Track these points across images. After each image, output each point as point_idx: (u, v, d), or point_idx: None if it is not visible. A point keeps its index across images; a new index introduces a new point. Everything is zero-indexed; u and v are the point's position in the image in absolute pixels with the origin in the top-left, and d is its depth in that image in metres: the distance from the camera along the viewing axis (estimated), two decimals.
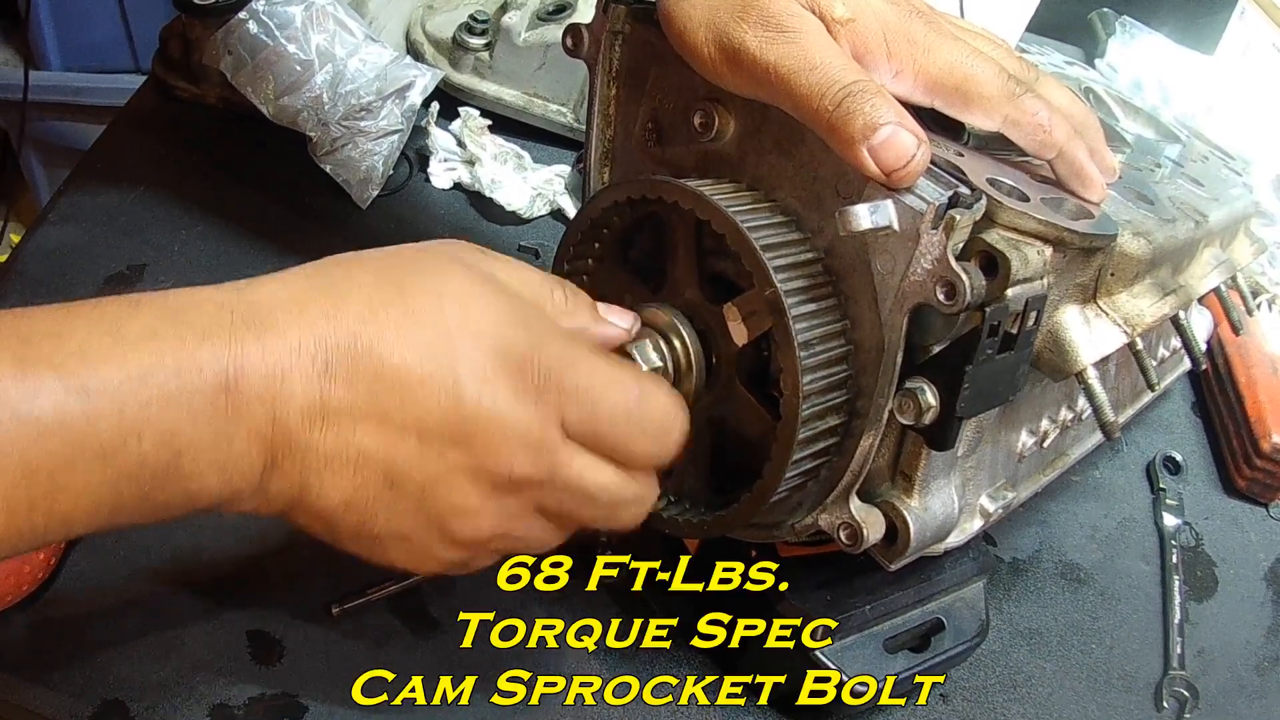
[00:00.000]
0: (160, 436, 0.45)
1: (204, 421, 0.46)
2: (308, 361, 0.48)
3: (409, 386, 0.49)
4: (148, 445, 0.45)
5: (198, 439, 0.46)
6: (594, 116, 0.71)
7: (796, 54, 0.56)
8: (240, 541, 0.77)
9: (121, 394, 0.44)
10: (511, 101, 1.13)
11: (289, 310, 0.49)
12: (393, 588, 0.75)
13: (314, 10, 1.01)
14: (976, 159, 0.60)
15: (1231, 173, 0.95)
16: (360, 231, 1.02)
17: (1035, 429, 0.74)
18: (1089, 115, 0.64)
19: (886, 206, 0.55)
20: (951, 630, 0.74)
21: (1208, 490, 1.00)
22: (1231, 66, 1.37)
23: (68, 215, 0.98)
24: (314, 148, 1.01)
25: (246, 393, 0.47)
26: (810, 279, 0.59)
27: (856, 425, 0.61)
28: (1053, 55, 1.27)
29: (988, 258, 0.55)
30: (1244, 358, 1.03)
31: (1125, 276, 0.66)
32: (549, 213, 1.08)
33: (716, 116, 0.64)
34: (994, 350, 0.56)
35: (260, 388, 0.47)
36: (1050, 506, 0.94)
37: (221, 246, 0.97)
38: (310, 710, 0.70)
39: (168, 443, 0.46)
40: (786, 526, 0.65)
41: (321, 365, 0.48)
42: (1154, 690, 0.83)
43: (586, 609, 0.77)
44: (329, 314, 0.49)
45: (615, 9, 0.68)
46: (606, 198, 0.65)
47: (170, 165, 1.04)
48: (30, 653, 0.69)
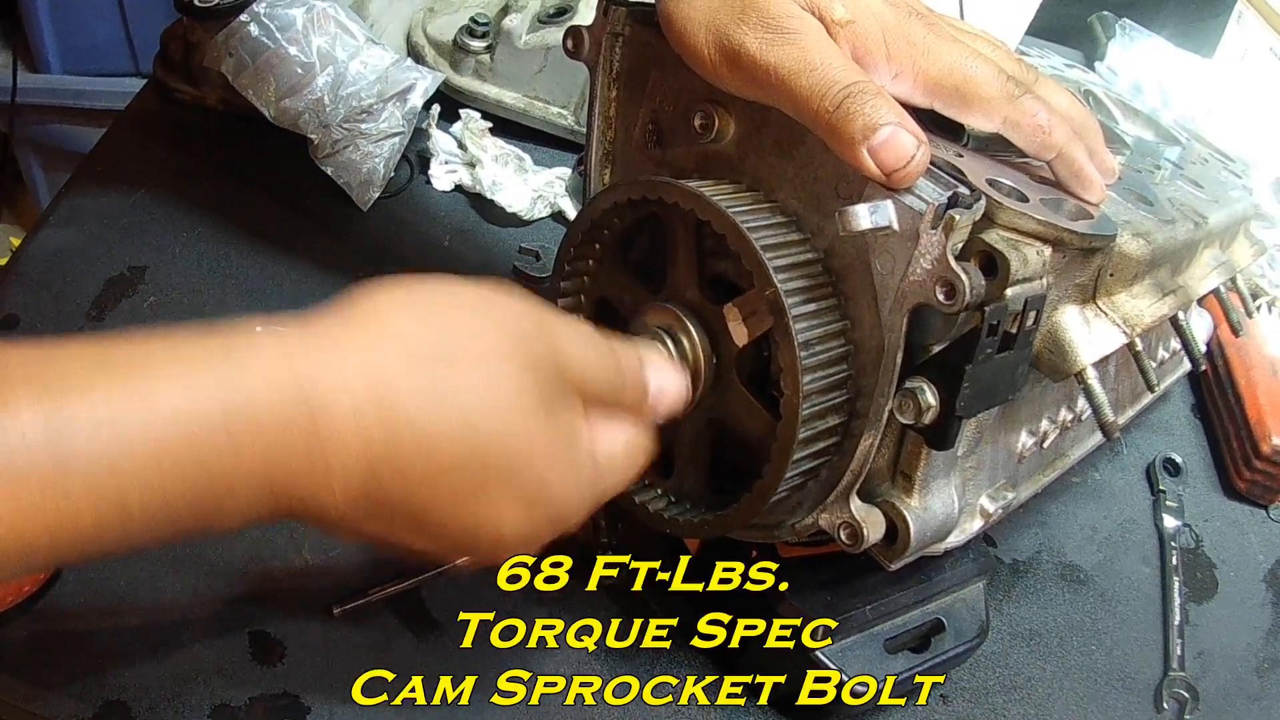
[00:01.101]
0: (195, 510, 0.44)
1: (242, 500, 0.45)
2: (355, 473, 0.46)
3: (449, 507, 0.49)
4: (180, 514, 0.44)
5: (233, 509, 0.45)
6: (594, 118, 0.71)
7: (796, 55, 0.56)
8: (241, 542, 0.77)
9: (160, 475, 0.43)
10: (512, 104, 1.13)
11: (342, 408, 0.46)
12: (393, 588, 0.75)
13: (315, 13, 1.02)
14: (976, 160, 0.60)
15: (1231, 175, 0.95)
16: (361, 234, 1.02)
17: (1035, 429, 0.74)
18: (1088, 117, 0.65)
19: (886, 207, 0.55)
20: (951, 631, 0.74)
21: (1208, 492, 1.00)
22: (1230, 70, 1.37)
23: (68, 218, 0.98)
24: (315, 150, 1.02)
25: (289, 489, 0.46)
26: (810, 279, 0.59)
27: (856, 425, 0.61)
28: (1052, 58, 1.28)
29: (987, 258, 0.55)
30: (1244, 359, 1.03)
31: (1124, 277, 0.66)
32: (550, 215, 1.08)
33: (716, 118, 0.64)
34: (994, 350, 0.56)
35: (303, 488, 0.46)
36: (1050, 507, 0.94)
37: (222, 249, 0.97)
38: (311, 710, 0.70)
39: (202, 513, 0.45)
40: (787, 526, 0.65)
41: (370, 476, 0.47)
42: (1154, 691, 0.83)
43: (586, 609, 0.77)
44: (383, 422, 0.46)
45: (615, 11, 0.68)
46: (607, 199, 0.65)
47: (171, 168, 1.04)
48: (31, 654, 0.69)
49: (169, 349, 0.44)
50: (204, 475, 0.43)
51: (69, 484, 0.41)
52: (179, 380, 0.43)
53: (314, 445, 0.45)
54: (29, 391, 0.41)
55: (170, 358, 0.44)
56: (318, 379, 0.45)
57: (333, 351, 0.46)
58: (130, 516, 0.43)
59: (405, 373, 0.47)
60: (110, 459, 0.41)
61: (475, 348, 0.49)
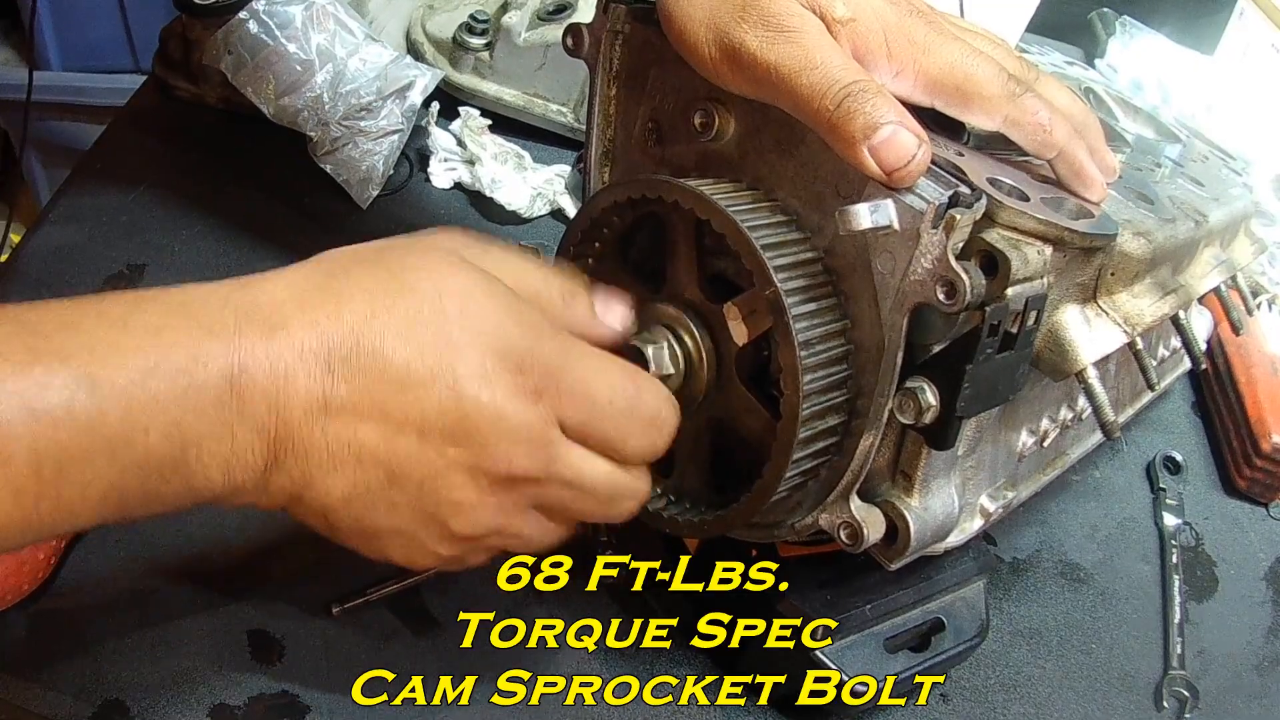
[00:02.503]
0: (166, 430, 0.46)
1: (209, 416, 0.47)
2: (311, 360, 0.49)
3: (410, 385, 0.50)
4: (154, 438, 0.46)
5: (203, 433, 0.47)
6: (594, 116, 0.71)
7: (797, 54, 0.56)
8: (241, 540, 0.77)
9: (129, 388, 0.45)
10: (512, 101, 1.13)
11: (293, 309, 0.49)
12: (393, 587, 0.75)
13: (314, 10, 1.01)
14: (976, 159, 0.60)
15: (1231, 173, 0.95)
16: (360, 231, 1.01)
17: (1035, 429, 0.74)
18: (1089, 115, 0.64)
19: (887, 206, 0.55)
20: (951, 630, 0.74)
21: (1208, 490, 1.00)
22: (1231, 67, 1.37)
23: (68, 215, 0.98)
24: (314, 147, 1.01)
25: (251, 389, 0.48)
26: (810, 278, 0.59)
27: (856, 425, 0.61)
28: (1053, 55, 1.28)
29: (988, 257, 0.55)
30: (1244, 357, 1.03)
31: (1125, 276, 0.66)
32: (549, 212, 1.08)
33: (716, 116, 0.64)
34: (994, 350, 0.56)
35: (264, 385, 0.48)
36: (1050, 506, 0.94)
37: (221, 246, 0.97)
38: (311, 710, 0.70)
39: (173, 436, 0.47)
40: (787, 526, 0.65)
41: (324, 364, 0.49)
42: (1154, 690, 0.83)
43: (586, 609, 0.77)
44: (332, 314, 0.50)
45: (615, 9, 0.68)
46: (606, 197, 0.65)
47: (170, 165, 1.04)
48: (31, 652, 0.69)
49: (132, 293, 0.49)
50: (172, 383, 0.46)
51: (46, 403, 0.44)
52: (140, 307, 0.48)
53: (265, 333, 0.48)
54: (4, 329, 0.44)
55: (133, 296, 0.49)
56: (263, 287, 0.50)
57: (278, 272, 0.52)
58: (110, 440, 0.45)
59: (345, 266, 0.52)
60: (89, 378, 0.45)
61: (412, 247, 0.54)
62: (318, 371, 0.49)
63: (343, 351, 0.49)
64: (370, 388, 0.50)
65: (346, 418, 0.50)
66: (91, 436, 0.45)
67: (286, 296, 0.50)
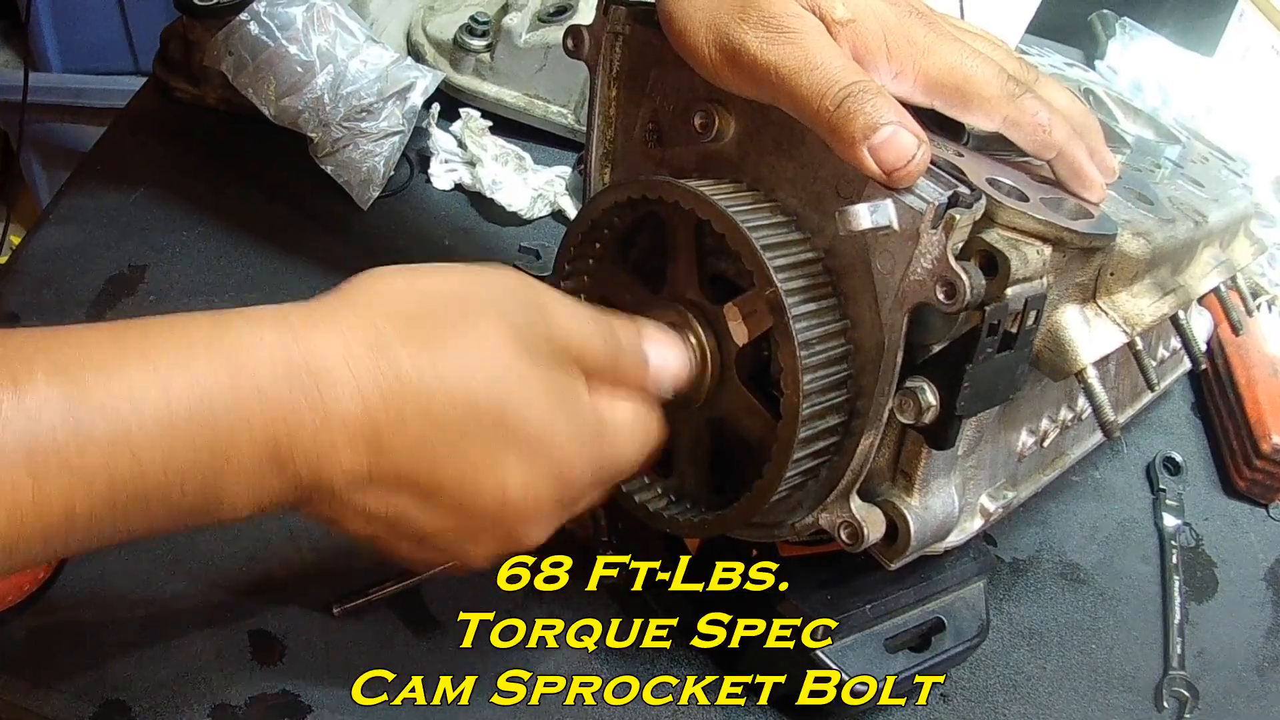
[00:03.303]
0: (204, 486, 0.46)
1: (247, 476, 0.47)
2: (359, 439, 0.48)
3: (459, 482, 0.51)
4: (190, 493, 0.46)
5: (239, 491, 0.47)
6: (594, 117, 0.71)
7: (797, 54, 0.56)
8: (241, 541, 0.77)
9: (171, 447, 0.44)
10: (512, 103, 1.13)
11: (343, 375, 0.48)
12: (393, 587, 0.75)
13: (315, 11, 1.02)
14: (976, 159, 0.60)
15: (1231, 174, 0.95)
16: (361, 232, 1.02)
17: (1035, 429, 0.74)
18: (1088, 116, 0.64)
19: (886, 206, 0.55)
20: (952, 630, 0.74)
21: (1208, 491, 1.00)
22: (1231, 68, 1.37)
23: (68, 216, 0.98)
24: (315, 149, 1.02)
25: (293, 457, 0.47)
26: (810, 279, 0.59)
27: (857, 424, 0.61)
28: (1053, 57, 1.28)
29: (987, 257, 0.55)
30: (1244, 358, 1.03)
31: (1125, 276, 0.66)
32: (550, 214, 1.08)
33: (717, 117, 0.64)
34: (994, 349, 0.56)
35: (308, 453, 0.47)
36: (1050, 506, 0.94)
37: (222, 247, 0.97)
38: (311, 710, 0.70)
39: (210, 490, 0.46)
40: (787, 526, 0.65)
41: (373, 438, 0.48)
42: (1154, 690, 0.83)
43: (586, 609, 0.77)
44: (385, 392, 0.48)
45: (616, 10, 0.68)
46: (607, 198, 0.65)
47: (171, 166, 1.04)
48: (31, 653, 0.69)
49: (178, 328, 0.47)
50: (213, 445, 0.45)
51: (86, 460, 0.43)
52: (188, 355, 0.45)
53: (316, 404, 0.47)
54: (47, 370, 0.42)
55: (179, 335, 0.47)
56: (314, 345, 0.48)
57: (329, 320, 0.49)
58: (145, 494, 0.44)
59: (397, 331, 0.49)
60: (126, 434, 0.43)
61: (465, 309, 0.52)
62: (364, 448, 0.48)
63: (391, 427, 0.49)
64: (415, 471, 0.50)
65: (387, 487, 0.50)
66: (129, 493, 0.44)
67: (336, 362, 0.48)
